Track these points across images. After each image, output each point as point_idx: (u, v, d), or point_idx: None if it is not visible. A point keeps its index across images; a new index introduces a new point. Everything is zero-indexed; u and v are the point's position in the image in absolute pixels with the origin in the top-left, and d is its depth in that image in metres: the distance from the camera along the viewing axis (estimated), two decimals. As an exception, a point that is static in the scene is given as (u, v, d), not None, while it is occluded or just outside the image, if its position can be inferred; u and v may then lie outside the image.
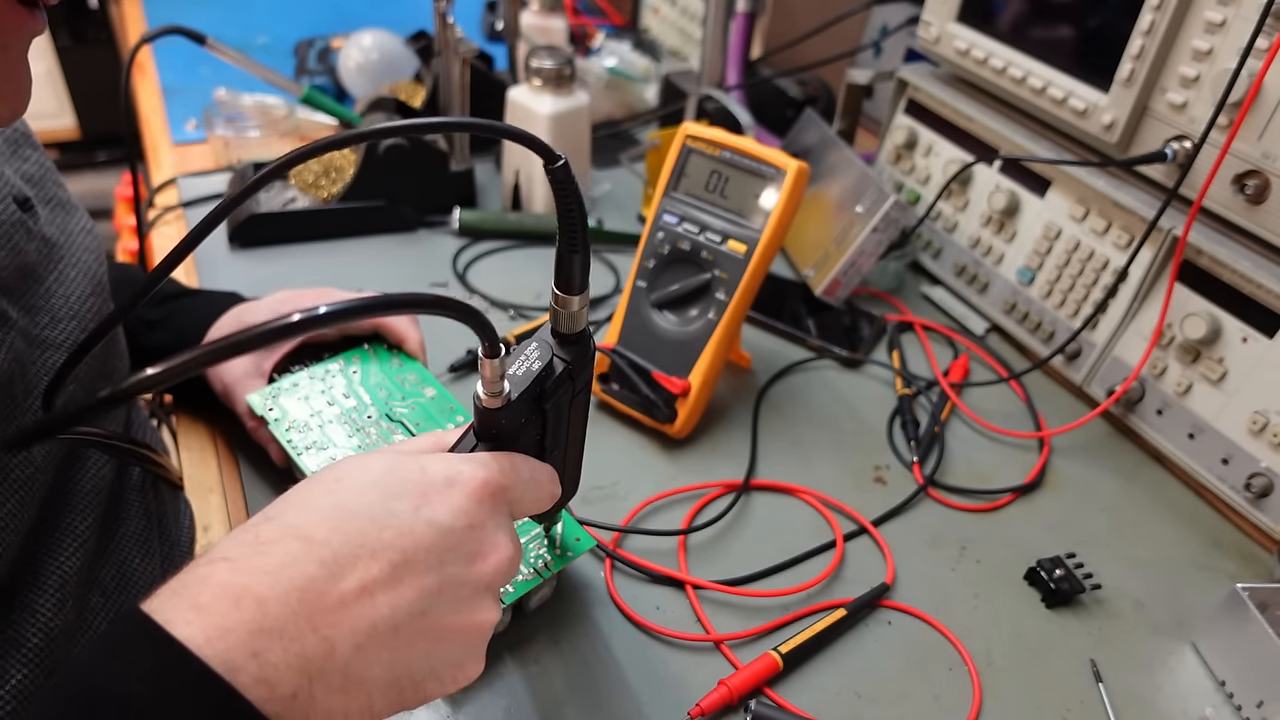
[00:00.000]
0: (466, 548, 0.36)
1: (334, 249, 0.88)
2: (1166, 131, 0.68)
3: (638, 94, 1.15)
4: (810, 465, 0.69)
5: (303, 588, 0.32)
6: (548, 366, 0.41)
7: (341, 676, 0.32)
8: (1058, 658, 0.57)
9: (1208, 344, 0.66)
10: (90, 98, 2.53)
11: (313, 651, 0.31)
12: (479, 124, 0.37)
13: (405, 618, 0.34)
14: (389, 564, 0.33)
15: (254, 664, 0.30)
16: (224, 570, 0.32)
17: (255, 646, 0.30)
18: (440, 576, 0.35)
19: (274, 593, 0.31)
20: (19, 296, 0.46)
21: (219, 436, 0.67)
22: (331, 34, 1.26)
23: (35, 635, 0.44)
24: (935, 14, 0.86)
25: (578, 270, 0.40)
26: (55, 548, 0.47)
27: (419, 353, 0.65)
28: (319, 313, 0.29)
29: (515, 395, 0.40)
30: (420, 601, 0.34)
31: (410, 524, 0.35)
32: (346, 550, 0.33)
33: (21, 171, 0.51)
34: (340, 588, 0.32)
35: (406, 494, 0.36)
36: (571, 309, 0.41)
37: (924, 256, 0.91)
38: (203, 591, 0.31)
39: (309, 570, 0.32)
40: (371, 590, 0.33)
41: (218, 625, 0.30)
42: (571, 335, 0.42)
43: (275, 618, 0.31)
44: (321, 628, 0.31)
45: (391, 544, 0.34)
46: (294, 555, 0.32)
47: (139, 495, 0.57)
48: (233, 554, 0.32)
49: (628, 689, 0.52)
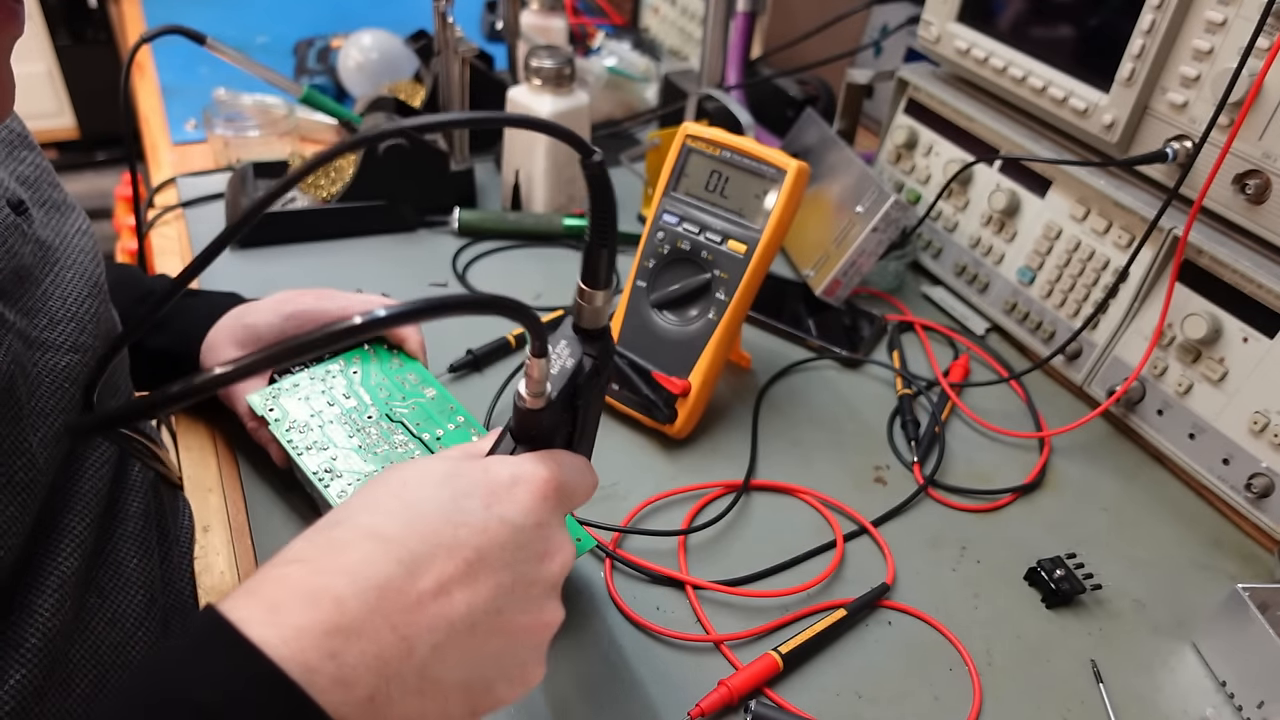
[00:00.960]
0: (536, 546, 0.36)
1: (334, 249, 0.88)
2: (1167, 131, 0.68)
3: (638, 94, 1.15)
4: (810, 465, 0.69)
5: (381, 586, 0.31)
6: (579, 364, 0.42)
7: (418, 678, 0.32)
8: (1058, 658, 0.57)
9: (1208, 344, 0.66)
10: (89, 97, 2.53)
11: (390, 652, 0.31)
12: (512, 118, 0.38)
13: (481, 616, 0.34)
14: (465, 562, 0.33)
15: (331, 665, 0.29)
16: (300, 570, 0.32)
17: (332, 646, 0.30)
18: (513, 575, 0.35)
19: (352, 591, 0.31)
20: (15, 299, 0.46)
21: (219, 436, 0.67)
22: (331, 34, 1.26)
23: (34, 635, 0.44)
24: (935, 14, 0.86)
25: (604, 265, 0.40)
26: (54, 548, 0.47)
27: (419, 353, 0.65)
28: (379, 315, 0.29)
29: (555, 395, 0.40)
30: (496, 600, 0.34)
31: (484, 522, 0.35)
32: (423, 549, 0.33)
33: (17, 174, 0.51)
34: (419, 586, 0.32)
35: (476, 493, 0.36)
36: (596, 304, 0.42)
37: (924, 256, 0.91)
38: (279, 591, 0.31)
39: (387, 569, 0.32)
40: (449, 589, 0.33)
41: (294, 625, 0.30)
42: (594, 331, 0.43)
43: (353, 617, 0.30)
44: (400, 627, 0.31)
45: (466, 542, 0.34)
46: (371, 555, 0.32)
47: (137, 496, 0.57)
48: (308, 555, 0.32)
49: (628, 689, 0.52)
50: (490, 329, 0.79)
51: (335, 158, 0.33)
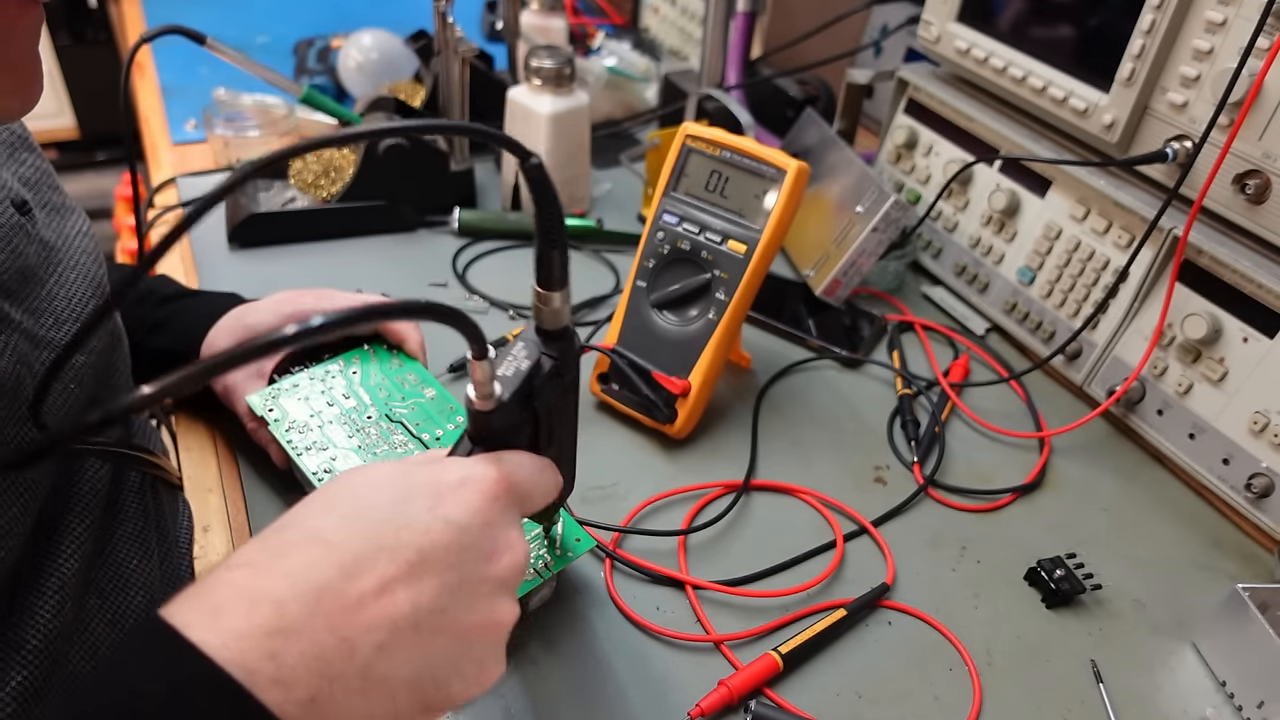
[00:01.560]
0: (483, 546, 0.36)
1: (334, 249, 0.88)
2: (1167, 131, 0.68)
3: (638, 94, 1.15)
4: (810, 465, 0.69)
5: (321, 588, 0.32)
6: (535, 364, 0.42)
7: (361, 678, 0.32)
8: (1058, 658, 0.57)
9: (1208, 344, 0.66)
10: (89, 97, 2.53)
11: (331, 653, 0.31)
12: (448, 125, 0.38)
13: (425, 615, 0.34)
14: (406, 563, 0.34)
15: (270, 665, 0.30)
16: (244, 575, 0.32)
17: (271, 648, 0.30)
18: (459, 574, 0.35)
19: (292, 594, 0.31)
20: (21, 299, 0.46)
21: (219, 437, 0.67)
22: (331, 34, 1.26)
23: (35, 637, 0.44)
24: (935, 14, 0.86)
25: (557, 266, 0.40)
26: (54, 550, 0.47)
27: (419, 353, 0.65)
28: (313, 324, 0.29)
29: (506, 396, 0.40)
30: (440, 599, 0.34)
31: (426, 523, 0.35)
32: (365, 551, 0.33)
33: (19, 175, 0.51)
34: (359, 587, 0.32)
35: (420, 495, 0.36)
36: (553, 305, 0.42)
37: (924, 256, 0.91)
38: (222, 596, 0.31)
39: (327, 573, 0.32)
40: (391, 589, 0.33)
41: (233, 629, 0.30)
42: (555, 331, 0.43)
43: (293, 619, 0.31)
44: (340, 628, 0.32)
45: (409, 543, 0.34)
46: (312, 557, 0.33)
47: (136, 497, 0.57)
48: (254, 559, 0.33)
49: (628, 689, 0.52)
50: (490, 329, 0.79)
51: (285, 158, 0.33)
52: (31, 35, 0.35)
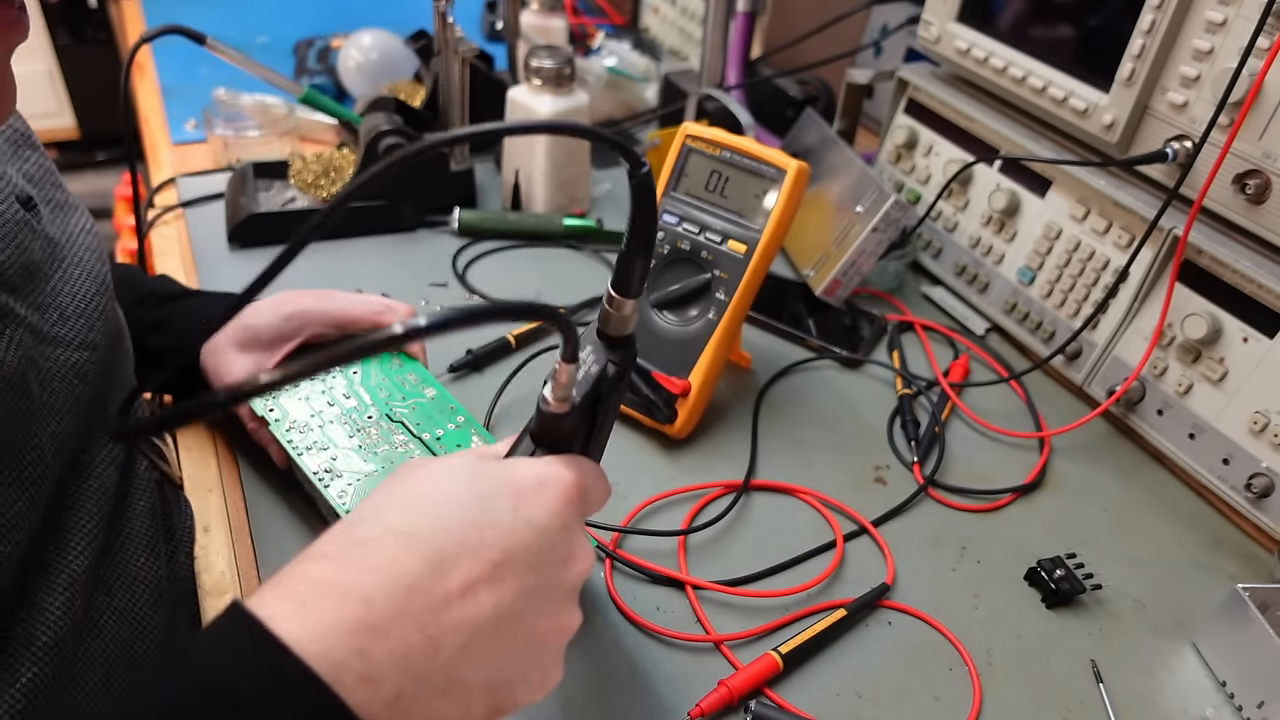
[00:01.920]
0: (560, 550, 0.36)
1: (334, 249, 0.88)
2: (1167, 131, 0.68)
3: (638, 94, 1.15)
4: (810, 465, 0.69)
5: (409, 585, 0.31)
6: (603, 370, 0.42)
7: (444, 678, 0.32)
8: (1058, 658, 0.57)
9: (1208, 344, 0.66)
10: (90, 97, 2.53)
11: (417, 651, 0.31)
12: (561, 126, 0.38)
13: (506, 618, 0.34)
14: (491, 563, 0.33)
15: (358, 662, 0.29)
16: (327, 568, 0.32)
17: (360, 644, 0.30)
18: (537, 578, 0.35)
19: (380, 589, 0.31)
20: (26, 294, 0.46)
21: (219, 437, 0.67)
22: (331, 34, 1.26)
23: (45, 634, 0.44)
24: (935, 14, 0.86)
25: (638, 275, 0.41)
26: (64, 546, 0.47)
27: (419, 353, 0.65)
28: (419, 325, 0.29)
29: (579, 399, 0.40)
30: (519, 602, 0.34)
31: (510, 524, 0.35)
32: (450, 548, 0.33)
33: (23, 171, 0.51)
34: (446, 586, 0.32)
35: (503, 493, 0.36)
36: (624, 312, 0.42)
37: (924, 256, 0.91)
38: (306, 589, 0.31)
39: (414, 567, 0.32)
40: (475, 589, 0.33)
41: (322, 623, 0.30)
42: (620, 338, 0.43)
43: (381, 615, 0.30)
44: (427, 626, 0.31)
45: (494, 543, 0.34)
46: (398, 552, 0.32)
47: (143, 495, 0.57)
48: (333, 552, 0.32)
49: (628, 689, 0.52)
50: (491, 329, 0.79)
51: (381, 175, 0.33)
52: (9, 52, 0.35)
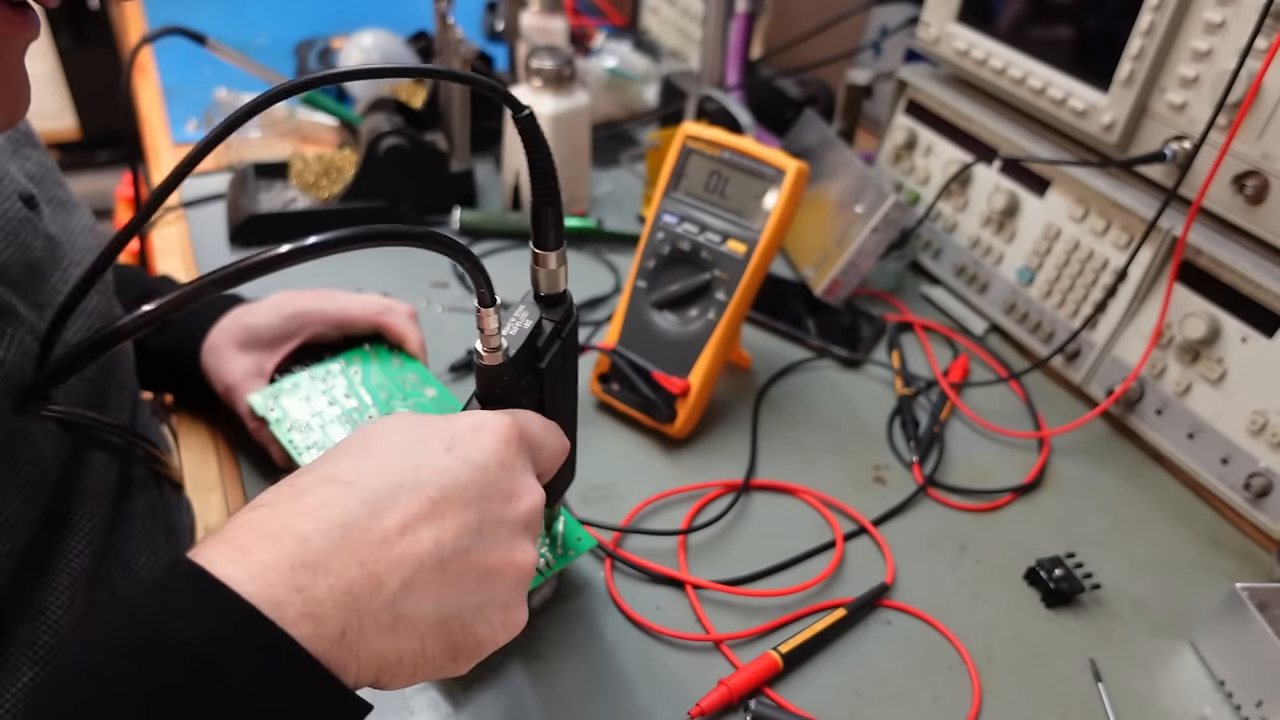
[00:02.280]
0: (501, 485, 0.37)
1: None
2: (1166, 132, 0.68)
3: (638, 94, 1.15)
4: (810, 465, 0.69)
5: (344, 524, 0.32)
6: (538, 325, 0.42)
7: (391, 614, 0.32)
8: (1057, 657, 0.57)
9: (1207, 344, 0.66)
10: (91, 98, 2.53)
11: (359, 587, 0.31)
12: (426, 70, 0.38)
13: (450, 553, 0.34)
14: (429, 500, 0.34)
15: (298, 598, 0.30)
16: (263, 514, 0.32)
17: (298, 581, 0.30)
18: (480, 512, 0.35)
19: (315, 529, 0.31)
20: (27, 293, 0.46)
21: (220, 436, 0.68)
22: (332, 34, 1.26)
23: (46, 634, 0.44)
24: (935, 14, 0.86)
25: (552, 223, 0.40)
26: (64, 546, 0.47)
27: (419, 353, 0.65)
28: (307, 243, 0.30)
29: (513, 352, 0.40)
30: (463, 537, 0.34)
31: (445, 462, 0.35)
32: (384, 489, 0.33)
33: (24, 170, 0.51)
34: (383, 524, 0.33)
35: (437, 437, 0.36)
36: (549, 266, 0.42)
37: (924, 256, 0.92)
38: (243, 534, 0.31)
39: (350, 507, 0.32)
40: (414, 526, 0.33)
41: (259, 562, 0.30)
42: (553, 296, 0.43)
43: (318, 552, 0.31)
44: (367, 562, 0.32)
45: (429, 481, 0.34)
46: (332, 495, 0.33)
47: (144, 494, 0.57)
48: (270, 500, 0.33)
49: (628, 689, 0.52)
50: (490, 329, 0.79)
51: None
52: (22, 50, 0.35)
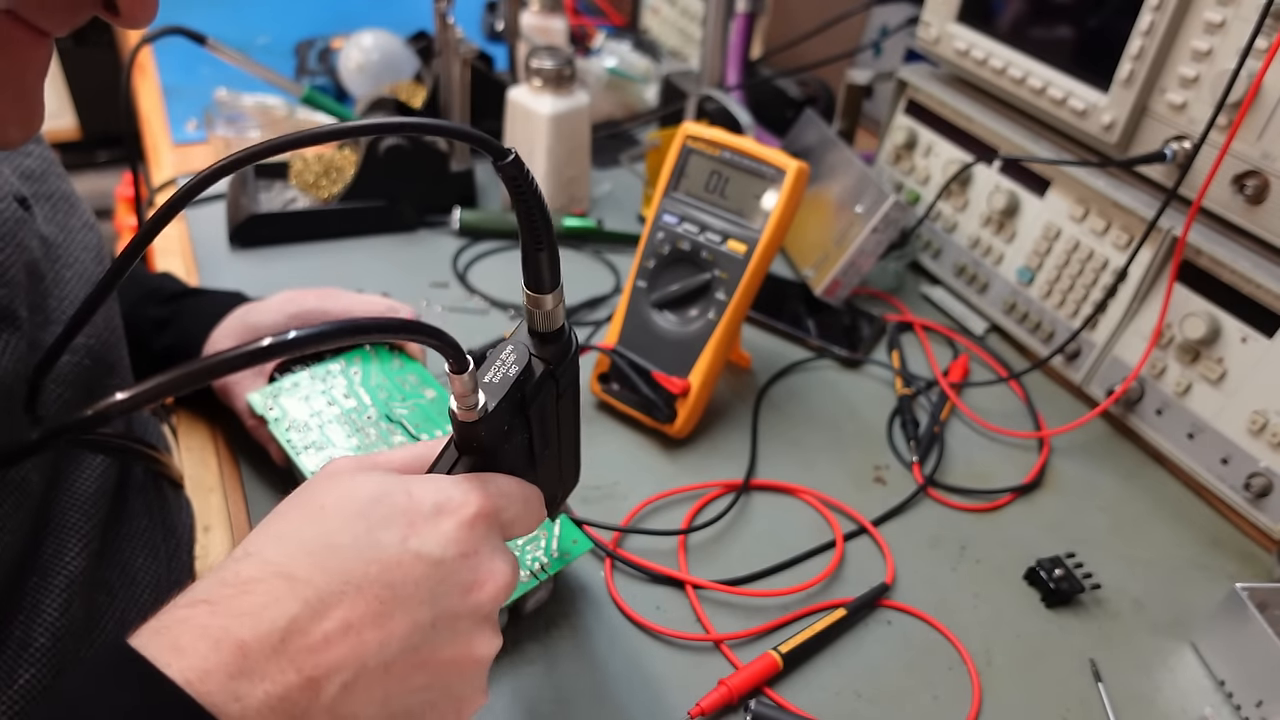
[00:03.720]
0: (460, 578, 0.35)
1: (334, 249, 0.88)
2: (1166, 132, 0.68)
3: (638, 94, 1.15)
4: (810, 465, 0.69)
5: (285, 628, 0.31)
6: (526, 369, 0.40)
7: (329, 715, 0.31)
8: (1057, 657, 0.57)
9: (1207, 344, 0.66)
10: (91, 98, 2.53)
11: (297, 693, 0.30)
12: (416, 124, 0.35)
13: (396, 654, 0.33)
14: (376, 599, 0.32)
15: (236, 707, 0.29)
16: (204, 612, 0.31)
17: (236, 690, 0.29)
18: (433, 610, 0.34)
19: (255, 634, 0.30)
20: (26, 295, 0.46)
21: (219, 436, 0.68)
22: (332, 34, 1.26)
23: (43, 635, 0.44)
24: (935, 14, 0.86)
25: (546, 267, 0.39)
26: (61, 548, 0.47)
27: (419, 354, 0.65)
28: (288, 338, 0.29)
29: (493, 405, 0.38)
30: (413, 637, 0.33)
31: (398, 556, 0.33)
32: (331, 587, 0.32)
33: (22, 168, 0.51)
34: (324, 626, 0.31)
35: (394, 523, 0.34)
36: (546, 307, 0.40)
37: (924, 256, 0.92)
38: (183, 634, 0.30)
39: (291, 610, 0.31)
40: (358, 627, 0.32)
41: (197, 668, 0.29)
42: (550, 333, 0.41)
43: (256, 659, 0.30)
44: (305, 668, 0.31)
45: (377, 578, 0.33)
46: (276, 595, 0.31)
47: (142, 495, 0.57)
48: (214, 596, 0.32)
49: (628, 689, 0.52)
50: (490, 329, 0.79)
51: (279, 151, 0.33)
52: (41, 70, 0.35)
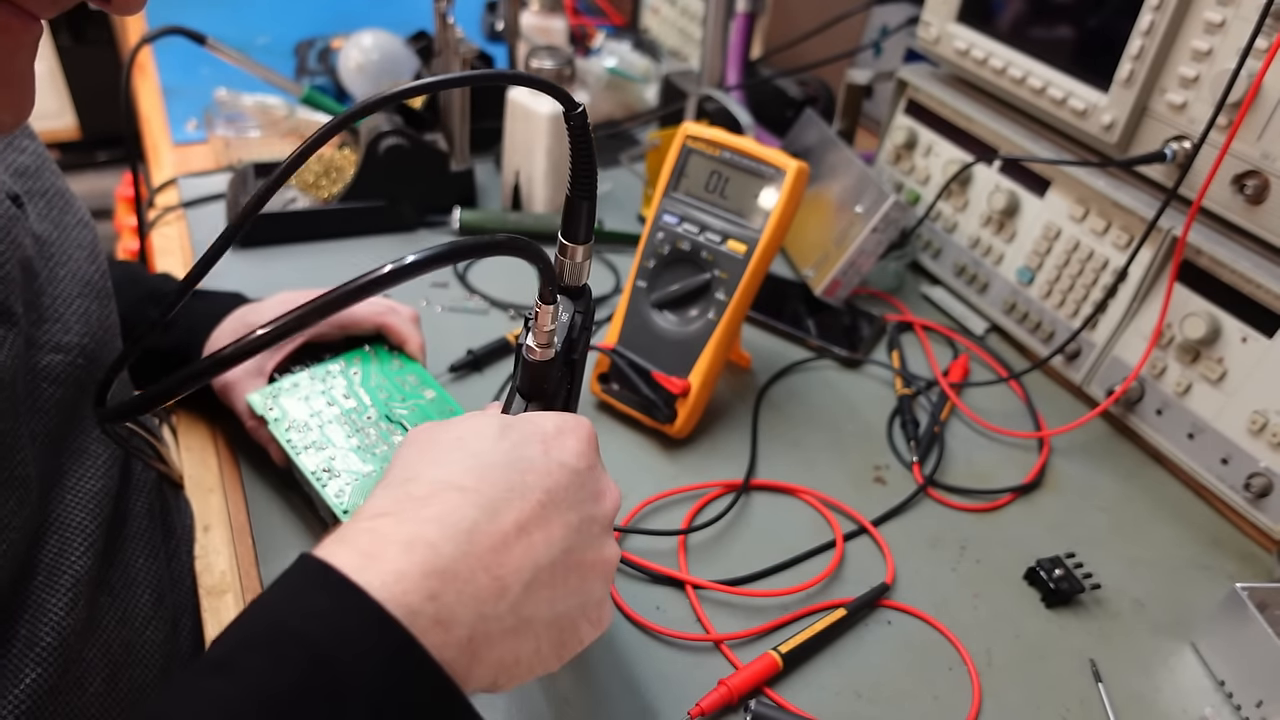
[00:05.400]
0: (591, 486, 0.38)
1: (334, 249, 0.88)
2: (1166, 131, 0.68)
3: (638, 94, 1.15)
4: (810, 465, 0.69)
5: (469, 530, 0.33)
6: (572, 319, 0.43)
7: (514, 618, 0.33)
8: (1057, 658, 0.57)
9: (1207, 344, 0.66)
10: (91, 98, 2.53)
11: (486, 592, 0.32)
12: (491, 75, 0.39)
13: (559, 554, 0.35)
14: (538, 504, 0.35)
15: (431, 606, 0.31)
16: (389, 523, 0.33)
17: (431, 588, 0.31)
18: (579, 514, 0.37)
19: (443, 536, 0.32)
20: (23, 292, 0.46)
21: (219, 436, 0.68)
22: (332, 34, 1.26)
23: (49, 635, 0.45)
24: (935, 14, 0.86)
25: (584, 218, 0.41)
26: (66, 547, 0.47)
27: (419, 354, 0.65)
28: (406, 261, 0.31)
29: (560, 347, 0.41)
30: (567, 538, 0.36)
31: (546, 466, 0.37)
32: (498, 494, 0.35)
33: (16, 164, 0.51)
34: (502, 528, 0.34)
35: (531, 441, 0.38)
36: (576, 259, 0.42)
37: (924, 256, 0.92)
38: (372, 541, 0.32)
39: (472, 514, 0.33)
40: (528, 529, 0.34)
41: (392, 570, 0.31)
42: (576, 288, 0.43)
43: (448, 560, 0.32)
44: (492, 567, 0.33)
45: (536, 485, 0.36)
46: (453, 503, 0.34)
47: (142, 495, 0.57)
48: (391, 509, 0.34)
49: (628, 689, 0.52)
50: (490, 329, 0.79)
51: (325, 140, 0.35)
52: (31, 52, 0.35)
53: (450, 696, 0.31)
